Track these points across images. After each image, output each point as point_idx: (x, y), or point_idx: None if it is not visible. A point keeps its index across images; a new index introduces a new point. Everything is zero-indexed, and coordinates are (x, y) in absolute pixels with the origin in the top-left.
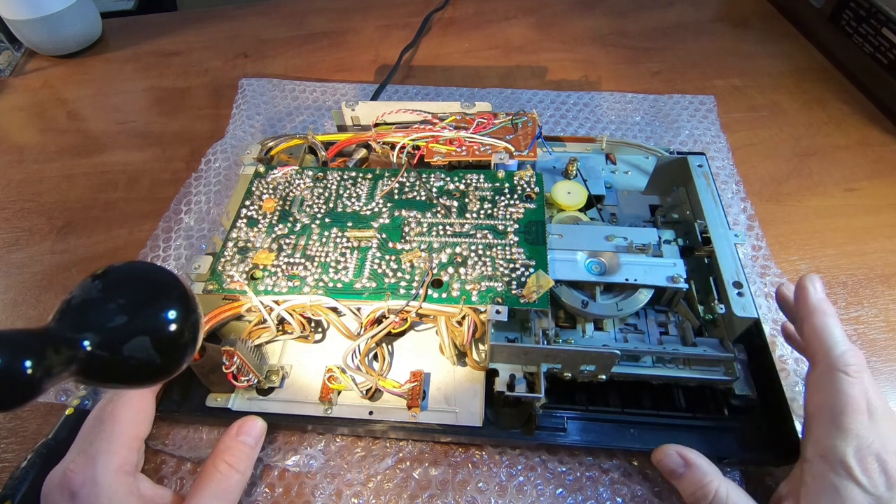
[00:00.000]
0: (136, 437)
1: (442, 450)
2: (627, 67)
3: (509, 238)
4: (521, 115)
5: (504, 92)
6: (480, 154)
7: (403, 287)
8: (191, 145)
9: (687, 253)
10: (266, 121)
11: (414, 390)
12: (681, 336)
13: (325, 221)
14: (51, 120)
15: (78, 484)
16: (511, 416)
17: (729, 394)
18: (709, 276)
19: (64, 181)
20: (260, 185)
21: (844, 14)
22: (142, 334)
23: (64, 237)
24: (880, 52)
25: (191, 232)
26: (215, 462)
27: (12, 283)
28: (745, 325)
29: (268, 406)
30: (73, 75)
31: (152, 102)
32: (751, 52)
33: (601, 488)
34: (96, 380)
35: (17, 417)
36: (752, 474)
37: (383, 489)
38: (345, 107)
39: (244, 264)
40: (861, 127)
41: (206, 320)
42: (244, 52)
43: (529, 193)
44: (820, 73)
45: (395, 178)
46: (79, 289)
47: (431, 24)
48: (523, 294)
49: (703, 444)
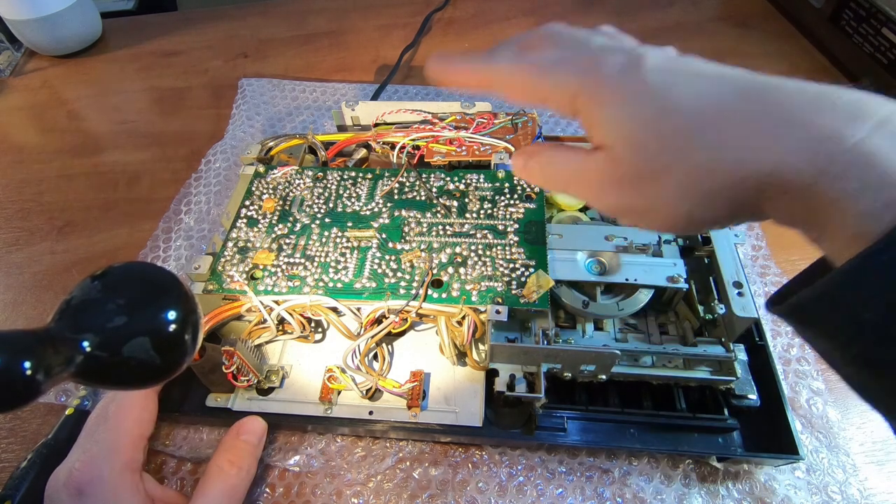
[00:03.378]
0: (140, 436)
1: (442, 450)
2: None
3: (509, 238)
4: (521, 115)
5: None
6: (480, 154)
7: (403, 287)
8: (191, 145)
9: (687, 253)
10: (266, 121)
11: (414, 390)
12: (681, 336)
13: (325, 221)
14: (51, 120)
15: (85, 483)
16: (511, 416)
17: (729, 394)
18: (709, 276)
19: (64, 181)
20: (260, 185)
21: (844, 14)
22: (141, 335)
23: (64, 237)
24: (880, 52)
25: (191, 232)
26: (219, 461)
27: (12, 283)
28: (745, 325)
29: (268, 406)
30: (73, 75)
31: (152, 102)
32: (751, 52)
33: (601, 488)
34: (96, 380)
35: (17, 417)
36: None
37: (383, 489)
38: (345, 107)
39: (244, 264)
40: None
41: (206, 320)
42: (244, 52)
43: (529, 193)
44: (820, 73)
45: (395, 178)
46: (78, 289)
47: (431, 24)
48: (523, 294)
49: (703, 444)
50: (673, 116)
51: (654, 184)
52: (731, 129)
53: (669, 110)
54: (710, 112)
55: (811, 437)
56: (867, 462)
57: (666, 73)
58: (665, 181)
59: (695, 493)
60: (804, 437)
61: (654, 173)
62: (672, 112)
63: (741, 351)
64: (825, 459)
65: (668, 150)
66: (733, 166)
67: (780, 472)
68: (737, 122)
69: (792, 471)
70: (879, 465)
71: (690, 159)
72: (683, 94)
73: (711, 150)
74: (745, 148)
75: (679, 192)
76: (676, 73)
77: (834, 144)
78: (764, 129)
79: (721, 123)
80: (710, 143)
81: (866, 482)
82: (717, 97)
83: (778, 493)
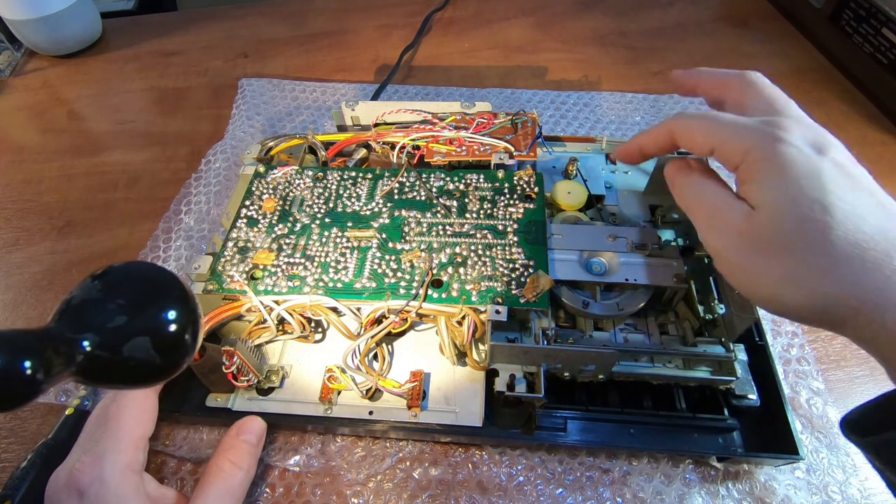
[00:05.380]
0: (141, 437)
1: (442, 450)
2: (627, 67)
3: (509, 238)
4: (521, 115)
5: (504, 92)
6: (480, 154)
7: (403, 287)
8: (191, 145)
9: (687, 253)
10: (266, 121)
11: (414, 390)
12: (681, 336)
13: (325, 221)
14: (51, 120)
15: (85, 483)
16: (511, 416)
17: (729, 394)
18: (709, 276)
19: (64, 181)
20: (260, 185)
21: (844, 14)
22: (142, 334)
23: (64, 237)
24: (880, 52)
25: (191, 232)
26: (218, 461)
27: (12, 283)
28: (745, 325)
29: (268, 406)
30: (73, 75)
31: (152, 102)
32: (751, 52)
33: (601, 488)
34: (96, 380)
35: (17, 417)
36: (750, 474)
37: (383, 489)
38: (345, 107)
39: (244, 264)
40: (861, 127)
41: (206, 320)
42: (244, 52)
43: (529, 193)
44: (820, 73)
45: (395, 178)
46: (78, 289)
47: (431, 24)
48: (523, 294)
49: (703, 444)
50: (825, 215)
51: (774, 260)
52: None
53: (825, 207)
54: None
55: (811, 437)
56: (867, 462)
57: (840, 174)
58: (787, 262)
59: (695, 492)
60: (804, 437)
61: (784, 250)
62: (827, 210)
63: (741, 351)
64: (825, 459)
65: (805, 239)
66: (846, 284)
67: (780, 472)
68: (871, 256)
69: (792, 471)
70: None
71: (818, 255)
72: (840, 200)
73: (837, 260)
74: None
75: (791, 276)
76: (848, 177)
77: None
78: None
79: (857, 249)
80: (840, 255)
81: (866, 482)
82: (862, 222)
83: (778, 493)
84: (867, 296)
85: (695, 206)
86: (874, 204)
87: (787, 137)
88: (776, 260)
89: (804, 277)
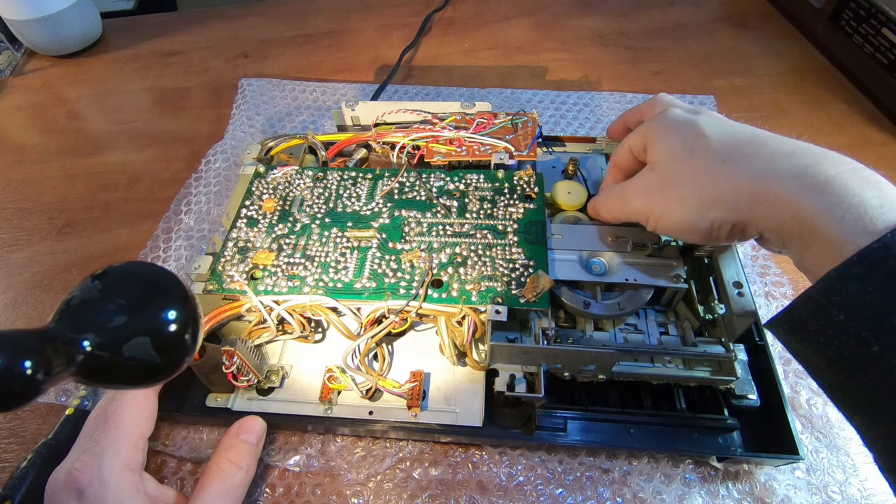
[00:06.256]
0: (140, 436)
1: (442, 450)
2: (627, 67)
3: (509, 238)
4: (521, 115)
5: (504, 92)
6: (480, 154)
7: (403, 287)
8: (191, 145)
9: (687, 253)
10: (266, 121)
11: (414, 390)
12: (681, 336)
13: (325, 221)
14: (51, 120)
15: (85, 482)
16: (511, 416)
17: (729, 394)
18: (709, 276)
19: (64, 181)
20: (260, 185)
21: (844, 14)
22: (142, 335)
23: (64, 237)
24: (880, 52)
25: (191, 232)
26: (218, 461)
27: (12, 283)
28: (745, 325)
29: (268, 406)
30: (73, 75)
31: (152, 102)
32: (751, 52)
33: (601, 488)
34: (96, 380)
35: (17, 417)
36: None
37: (383, 489)
38: (345, 107)
39: (244, 264)
40: (861, 127)
41: (206, 320)
42: (244, 52)
43: (529, 193)
44: (820, 73)
45: (395, 178)
46: (78, 289)
47: (431, 24)
48: (523, 294)
49: (703, 444)
50: (702, 139)
51: (671, 188)
52: (737, 157)
53: (701, 131)
54: (724, 146)
55: (811, 437)
56: (867, 462)
57: (711, 118)
58: (687, 182)
59: (695, 492)
60: (804, 437)
61: (680, 176)
62: (703, 134)
63: (741, 351)
64: (825, 459)
65: (692, 159)
66: (730, 177)
67: (780, 472)
68: (742, 153)
69: (792, 471)
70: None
71: (699, 172)
72: (710, 126)
73: (715, 168)
74: (744, 168)
75: (688, 194)
76: (719, 118)
77: (816, 171)
78: (762, 159)
79: (732, 152)
80: (715, 164)
81: (866, 482)
82: (732, 138)
83: (778, 493)
84: (755, 186)
85: (619, 206)
86: (742, 126)
87: (668, 111)
88: (679, 186)
89: (703, 186)
